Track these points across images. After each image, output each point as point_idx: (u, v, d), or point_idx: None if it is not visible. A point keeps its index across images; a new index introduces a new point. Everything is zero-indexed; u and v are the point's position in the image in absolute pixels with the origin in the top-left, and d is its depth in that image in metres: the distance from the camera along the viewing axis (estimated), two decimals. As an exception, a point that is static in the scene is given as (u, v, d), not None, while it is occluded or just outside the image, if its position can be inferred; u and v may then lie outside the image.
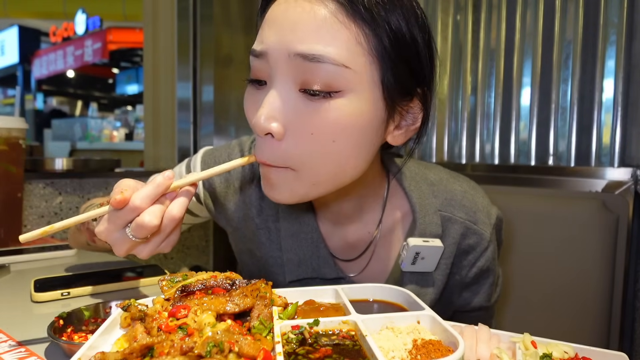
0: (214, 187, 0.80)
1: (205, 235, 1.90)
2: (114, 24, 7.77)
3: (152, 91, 1.94)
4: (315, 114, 0.55)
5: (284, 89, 0.56)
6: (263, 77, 0.59)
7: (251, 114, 0.60)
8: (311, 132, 0.55)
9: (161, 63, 1.92)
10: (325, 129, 0.55)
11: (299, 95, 0.56)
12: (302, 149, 0.56)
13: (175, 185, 0.57)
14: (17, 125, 1.09)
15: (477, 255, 0.76)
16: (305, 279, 0.76)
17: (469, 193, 0.77)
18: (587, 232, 1.14)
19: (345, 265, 0.77)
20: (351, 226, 0.76)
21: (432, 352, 0.44)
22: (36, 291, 0.77)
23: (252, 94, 0.61)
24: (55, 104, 9.11)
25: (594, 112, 1.30)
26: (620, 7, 1.23)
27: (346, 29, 0.54)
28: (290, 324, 0.47)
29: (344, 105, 0.55)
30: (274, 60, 0.56)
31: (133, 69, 9.07)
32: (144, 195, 0.54)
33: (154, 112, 1.95)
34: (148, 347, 0.41)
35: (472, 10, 1.49)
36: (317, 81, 0.54)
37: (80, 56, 8.36)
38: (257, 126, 0.55)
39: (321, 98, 0.55)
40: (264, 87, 0.59)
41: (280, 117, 0.56)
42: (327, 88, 0.54)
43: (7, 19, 8.08)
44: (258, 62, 0.58)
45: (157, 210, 0.54)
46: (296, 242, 0.75)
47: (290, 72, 0.55)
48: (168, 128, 1.95)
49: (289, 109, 0.56)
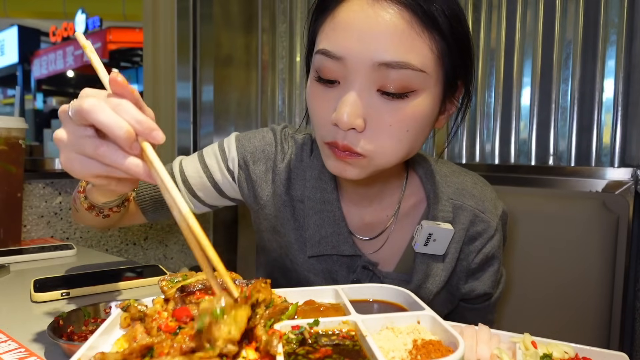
0: (247, 165, 0.85)
1: (206, 232, 1.91)
2: (114, 24, 7.78)
3: (152, 91, 1.94)
4: (393, 111, 0.63)
5: (364, 90, 0.62)
6: (336, 78, 0.64)
7: (322, 109, 0.66)
8: (389, 124, 0.63)
9: (161, 63, 1.92)
10: (402, 122, 0.63)
11: (377, 94, 0.62)
12: (380, 138, 0.64)
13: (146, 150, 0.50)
14: (17, 125, 1.09)
15: (484, 242, 0.82)
16: (324, 256, 0.81)
17: (479, 185, 0.85)
18: (587, 232, 1.14)
19: (362, 244, 0.83)
20: (370, 208, 0.83)
21: (432, 352, 0.44)
22: (36, 291, 0.77)
23: (323, 92, 0.66)
24: (55, 104, 9.12)
25: (594, 112, 1.30)
26: (620, 7, 1.23)
27: (421, 38, 0.61)
28: (290, 324, 0.47)
29: (417, 103, 0.63)
30: (354, 66, 0.61)
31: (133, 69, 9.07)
32: (130, 107, 0.49)
33: (154, 112, 1.95)
34: (148, 347, 0.41)
35: (472, 10, 1.49)
36: (396, 84, 0.61)
37: (80, 56, 8.37)
38: (341, 122, 0.61)
39: (398, 97, 0.62)
40: (336, 85, 0.65)
41: (361, 113, 0.62)
42: (403, 90, 0.62)
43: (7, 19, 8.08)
44: (332, 63, 0.63)
45: (108, 117, 0.47)
46: (319, 219, 0.80)
47: (371, 76, 0.61)
48: (168, 128, 1.95)
49: (369, 106, 0.63)
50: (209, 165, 0.87)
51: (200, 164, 0.88)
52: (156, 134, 0.49)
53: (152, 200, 0.88)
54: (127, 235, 1.63)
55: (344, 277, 0.82)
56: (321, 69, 0.65)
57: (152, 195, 0.88)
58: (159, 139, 0.50)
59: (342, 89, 0.64)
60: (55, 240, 1.34)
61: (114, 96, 0.50)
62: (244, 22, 2.00)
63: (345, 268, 0.82)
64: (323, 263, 0.82)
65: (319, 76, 0.66)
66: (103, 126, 0.47)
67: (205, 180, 0.87)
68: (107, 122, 0.47)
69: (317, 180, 0.82)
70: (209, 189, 0.88)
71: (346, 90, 0.63)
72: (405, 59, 0.60)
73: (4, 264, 0.95)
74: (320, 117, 0.67)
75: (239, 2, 1.97)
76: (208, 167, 0.87)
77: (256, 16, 2.02)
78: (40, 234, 1.39)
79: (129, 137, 0.48)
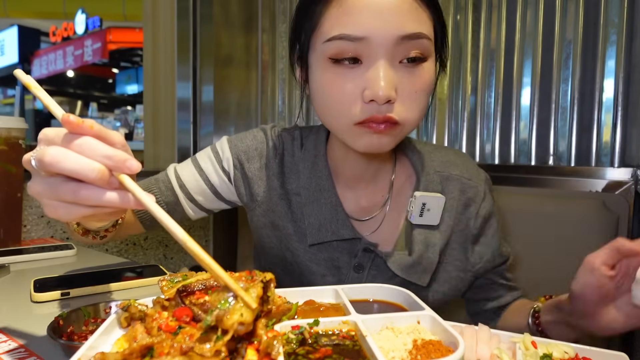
0: (242, 164, 0.88)
1: (205, 235, 1.90)
2: (114, 24, 7.78)
3: (152, 91, 1.94)
4: (416, 77, 0.70)
5: (390, 64, 0.68)
6: (359, 56, 0.69)
7: (347, 91, 0.69)
8: (415, 90, 0.70)
9: (161, 63, 1.92)
10: (424, 86, 0.71)
11: (401, 65, 0.69)
12: (410, 104, 0.70)
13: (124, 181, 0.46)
14: (17, 125, 1.09)
15: (478, 206, 0.86)
16: (325, 243, 0.83)
17: (460, 157, 0.92)
18: (587, 232, 1.14)
19: (360, 226, 0.85)
20: (366, 191, 0.87)
21: (432, 352, 0.44)
22: (36, 291, 0.77)
23: (344, 74, 0.70)
24: (55, 103, 9.10)
25: (594, 112, 1.30)
26: (620, 7, 1.23)
27: (424, 12, 0.69)
28: (290, 324, 0.47)
29: (430, 67, 0.72)
30: (377, 43, 0.67)
31: (133, 68, 9.08)
32: (93, 146, 0.45)
33: (153, 112, 1.95)
34: (148, 347, 0.41)
35: (472, 10, 1.49)
36: (415, 54, 0.68)
37: (80, 56, 8.37)
38: (378, 97, 0.66)
39: (416, 64, 0.69)
40: (357, 65, 0.69)
41: (393, 85, 0.68)
42: (421, 56, 0.69)
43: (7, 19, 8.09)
44: (352, 45, 0.67)
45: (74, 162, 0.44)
46: (317, 207, 0.83)
47: (394, 50, 0.67)
48: (168, 128, 1.95)
49: (396, 78, 0.69)
50: (205, 169, 0.89)
51: (195, 167, 0.89)
52: (130, 163, 0.46)
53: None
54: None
55: (346, 263, 0.83)
56: (342, 53, 0.68)
57: None
58: (134, 168, 0.47)
59: (367, 67, 0.68)
60: (55, 240, 1.34)
61: (74, 135, 0.46)
62: (244, 22, 2.00)
63: (346, 254, 0.83)
64: (324, 252, 0.84)
65: (335, 59, 0.69)
66: (72, 174, 0.45)
67: (202, 184, 0.89)
68: (75, 168, 0.44)
69: (310, 171, 0.84)
70: (207, 192, 0.90)
71: (373, 66, 0.68)
72: (420, 30, 0.68)
73: (4, 264, 0.95)
74: (347, 97, 0.70)
75: (239, 2, 1.97)
76: (204, 171, 0.89)
77: (256, 16, 2.02)
78: (40, 234, 1.39)
79: (102, 177, 0.45)
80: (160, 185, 0.90)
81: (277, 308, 0.48)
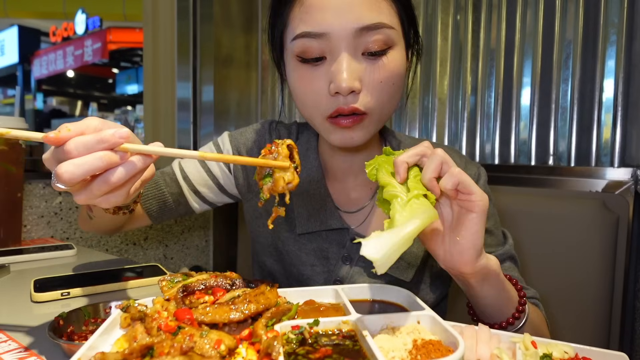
0: (242, 155, 0.90)
1: (205, 235, 1.90)
2: (114, 24, 7.78)
3: (152, 91, 1.94)
4: (380, 67, 0.71)
5: (352, 56, 0.70)
6: (322, 54, 0.71)
7: (315, 87, 0.72)
8: (380, 80, 0.71)
9: (161, 63, 1.92)
10: (389, 76, 0.72)
11: (363, 57, 0.70)
12: (375, 95, 0.72)
13: (127, 148, 0.51)
14: (17, 125, 1.09)
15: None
16: (314, 233, 0.85)
17: (449, 147, 0.94)
18: (587, 232, 1.14)
19: (348, 217, 0.87)
20: (355, 183, 0.88)
21: (432, 352, 0.44)
22: (36, 291, 0.77)
23: (311, 71, 0.72)
24: (55, 104, 9.12)
25: (594, 112, 1.30)
26: (620, 7, 1.23)
27: (384, 0, 0.70)
28: (290, 324, 0.47)
29: (395, 57, 0.72)
30: (337, 38, 0.69)
31: (133, 69, 9.08)
32: (80, 143, 0.49)
33: (154, 112, 1.95)
34: (148, 347, 0.41)
35: (472, 10, 1.49)
36: (377, 44, 0.70)
37: (80, 56, 8.37)
38: (341, 88, 0.68)
39: (380, 55, 0.71)
40: (322, 62, 0.71)
41: (357, 76, 0.70)
42: (384, 46, 0.70)
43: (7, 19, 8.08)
44: (315, 42, 0.70)
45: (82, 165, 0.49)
46: (306, 198, 0.86)
47: (355, 42, 0.69)
48: (168, 128, 1.95)
49: (360, 69, 0.70)
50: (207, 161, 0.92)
51: (198, 161, 0.93)
52: (119, 134, 0.50)
53: (156, 200, 0.92)
54: (127, 235, 1.63)
55: (335, 254, 0.85)
56: (305, 50, 0.71)
57: (155, 195, 0.92)
58: (125, 134, 0.51)
59: (330, 62, 0.71)
60: (55, 240, 1.34)
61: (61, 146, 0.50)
62: (244, 22, 2.00)
63: (335, 245, 0.85)
64: (313, 242, 0.86)
65: (302, 58, 0.72)
66: (89, 173, 0.49)
67: (204, 175, 0.93)
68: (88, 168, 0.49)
69: (302, 164, 0.86)
70: (210, 184, 0.93)
71: (336, 61, 0.70)
72: (379, 20, 0.69)
73: (4, 264, 0.95)
74: (315, 94, 0.72)
75: (239, 2, 1.97)
76: (206, 163, 0.93)
77: (256, 16, 2.02)
78: (40, 234, 1.39)
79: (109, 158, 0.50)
80: (165, 177, 0.93)
81: (277, 308, 0.48)
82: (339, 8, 0.68)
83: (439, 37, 1.54)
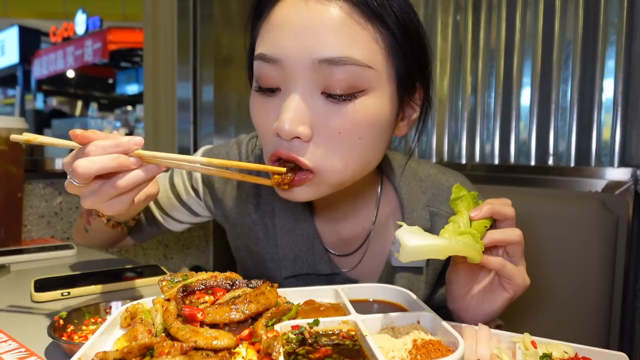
0: (212, 183, 0.82)
1: (205, 235, 1.90)
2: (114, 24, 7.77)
3: (152, 91, 1.94)
4: (342, 115, 0.56)
5: (307, 94, 0.56)
6: (277, 84, 0.58)
7: (264, 122, 0.60)
8: (338, 131, 0.57)
9: (161, 63, 1.92)
10: (353, 128, 0.57)
11: (322, 98, 0.56)
12: (329, 148, 0.58)
13: (141, 153, 0.54)
14: (17, 125, 1.09)
15: None
16: (301, 275, 0.77)
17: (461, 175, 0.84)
18: (587, 232, 1.14)
19: (339, 261, 0.79)
20: (346, 222, 0.78)
21: (432, 352, 0.44)
22: (36, 291, 0.77)
23: (264, 102, 0.60)
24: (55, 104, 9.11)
25: (594, 112, 1.30)
26: (620, 7, 1.23)
27: (363, 29, 0.55)
28: (290, 324, 0.47)
29: (368, 104, 0.57)
30: (293, 67, 0.56)
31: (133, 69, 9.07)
32: (100, 144, 0.52)
33: (154, 112, 1.95)
34: (148, 346, 0.41)
35: (472, 10, 1.49)
36: (342, 83, 0.55)
37: (80, 56, 8.36)
38: (282, 131, 0.55)
39: (346, 99, 0.56)
40: (277, 93, 0.59)
41: (307, 120, 0.56)
42: (351, 90, 0.55)
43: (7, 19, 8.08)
44: (270, 68, 0.57)
45: (97, 162, 0.51)
46: (292, 238, 0.76)
47: (313, 77, 0.55)
48: (168, 128, 1.95)
49: (314, 111, 0.57)
50: (177, 185, 0.85)
51: (168, 183, 0.86)
52: (134, 140, 0.53)
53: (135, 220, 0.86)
54: (127, 235, 1.63)
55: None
56: (260, 76, 0.59)
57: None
58: (139, 142, 0.54)
59: (284, 96, 0.58)
60: (55, 240, 1.34)
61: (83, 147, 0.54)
62: (244, 22, 2.00)
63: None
64: (301, 281, 0.78)
65: (259, 86, 0.61)
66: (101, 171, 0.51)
67: (174, 201, 0.86)
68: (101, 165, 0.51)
69: None
70: (180, 208, 0.86)
71: (287, 96, 0.57)
72: (347, 54, 0.54)
73: (4, 264, 0.95)
74: (263, 129, 0.61)
75: (239, 2, 1.97)
76: (175, 187, 0.85)
77: (249, 16, 2.02)
78: (40, 234, 1.39)
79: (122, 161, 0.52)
80: None
81: (277, 308, 0.48)
82: (299, 30, 0.55)
83: (439, 37, 1.54)
